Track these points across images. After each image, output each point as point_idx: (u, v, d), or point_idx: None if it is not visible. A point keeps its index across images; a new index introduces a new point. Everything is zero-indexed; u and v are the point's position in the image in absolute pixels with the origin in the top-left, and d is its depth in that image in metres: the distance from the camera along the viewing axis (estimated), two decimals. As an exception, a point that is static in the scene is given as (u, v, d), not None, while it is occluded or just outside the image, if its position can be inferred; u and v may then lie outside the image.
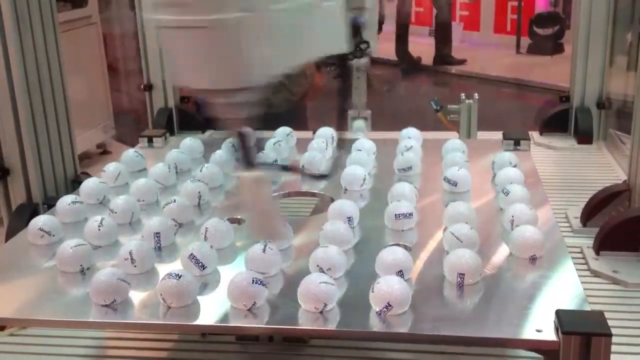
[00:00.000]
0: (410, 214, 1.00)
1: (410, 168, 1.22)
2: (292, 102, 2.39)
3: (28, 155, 1.48)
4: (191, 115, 2.11)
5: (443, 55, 5.88)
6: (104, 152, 3.78)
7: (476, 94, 1.56)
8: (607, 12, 1.84)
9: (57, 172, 1.56)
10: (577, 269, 0.89)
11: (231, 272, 0.87)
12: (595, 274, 1.25)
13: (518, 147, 1.32)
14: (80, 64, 3.30)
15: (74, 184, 1.57)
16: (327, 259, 0.87)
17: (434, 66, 5.88)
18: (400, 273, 0.84)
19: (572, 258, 0.92)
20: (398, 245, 0.93)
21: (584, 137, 1.89)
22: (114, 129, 3.85)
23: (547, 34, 5.80)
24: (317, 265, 0.87)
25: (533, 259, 0.90)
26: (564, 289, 0.84)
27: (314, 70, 2.39)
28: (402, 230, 1.00)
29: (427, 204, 1.10)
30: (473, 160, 1.26)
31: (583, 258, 1.30)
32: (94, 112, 3.52)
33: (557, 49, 5.64)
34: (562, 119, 1.95)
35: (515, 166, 1.17)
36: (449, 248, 0.91)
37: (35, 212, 1.46)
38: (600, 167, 1.75)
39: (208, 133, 2.14)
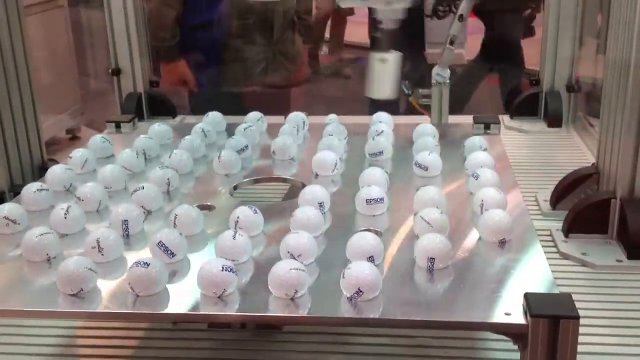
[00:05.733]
0: (382, 199, 1.00)
1: (381, 153, 1.21)
2: (287, 82, 2.38)
3: (-7, 143, 1.45)
4: (161, 100, 2.08)
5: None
6: (73, 138, 3.73)
7: (448, 79, 1.56)
8: (576, 4, 1.85)
9: (24, 158, 1.53)
10: (546, 252, 0.90)
11: (201, 260, 0.86)
12: (564, 256, 1.27)
13: (488, 131, 1.32)
14: (48, 48, 3.24)
15: (40, 171, 1.54)
16: (297, 246, 0.86)
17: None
18: (371, 258, 0.84)
19: (542, 241, 0.93)
20: (369, 230, 0.93)
21: (554, 120, 1.90)
22: (83, 114, 3.79)
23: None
24: (288, 252, 0.86)
25: (502, 243, 0.90)
26: (532, 272, 0.85)
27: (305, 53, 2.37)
28: (374, 216, 1.00)
29: (398, 188, 1.10)
30: (444, 144, 1.26)
31: (552, 241, 1.31)
32: (62, 97, 3.46)
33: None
34: (532, 102, 1.97)
35: (485, 150, 1.17)
36: (419, 233, 0.91)
37: (1, 200, 1.43)
38: (570, 150, 1.77)
39: (179, 118, 2.12)
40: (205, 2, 2.32)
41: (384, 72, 1.03)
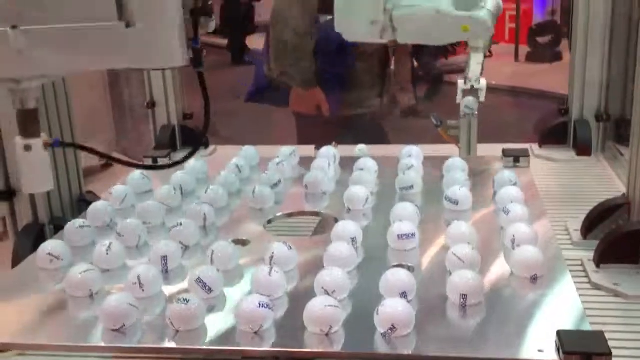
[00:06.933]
0: (413, 234, 1.02)
1: (411, 187, 1.23)
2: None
3: (34, 176, 1.49)
4: (194, 132, 2.12)
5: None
6: (105, 165, 3.79)
7: (476, 111, 1.58)
8: (605, 25, 1.85)
9: (63, 191, 1.57)
10: (578, 282, 0.91)
11: (237, 294, 0.90)
12: (596, 286, 1.27)
13: (518, 164, 1.34)
14: (82, 78, 3.32)
15: (79, 204, 1.58)
16: (332, 282, 0.88)
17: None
18: (404, 294, 0.86)
19: (573, 271, 0.94)
20: (401, 266, 0.95)
21: (583, 149, 1.90)
22: (115, 141, 3.86)
23: (545, 43, 5.85)
24: (322, 288, 0.88)
25: (534, 279, 0.92)
26: (564, 308, 0.86)
27: None
28: (405, 251, 1.02)
29: (429, 223, 1.12)
30: (474, 178, 1.28)
31: (584, 271, 1.31)
32: (95, 126, 3.53)
33: (556, 57, 5.68)
34: (561, 131, 1.97)
35: (515, 184, 1.19)
36: (451, 268, 0.93)
37: (41, 232, 1.47)
38: (600, 179, 1.76)
39: (211, 148, 2.16)
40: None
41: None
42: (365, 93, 2.33)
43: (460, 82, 1.48)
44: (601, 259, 1.31)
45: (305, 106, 2.32)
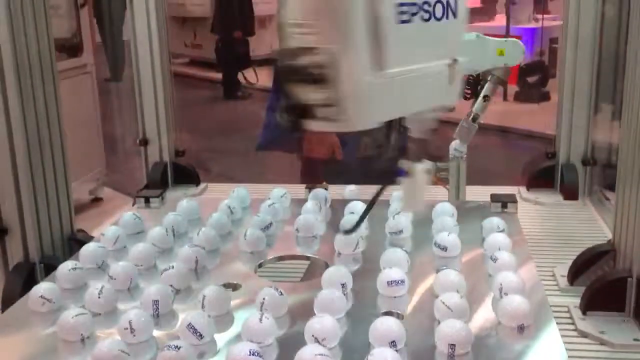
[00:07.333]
0: (402, 281, 1.03)
1: (401, 231, 1.25)
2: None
3: (26, 213, 1.49)
4: (185, 169, 2.14)
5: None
6: (95, 199, 3.80)
7: (464, 154, 1.60)
8: (591, 71, 1.90)
9: (54, 230, 1.57)
10: (564, 329, 0.92)
11: (228, 340, 0.90)
12: (582, 334, 1.28)
13: (505, 210, 1.36)
14: (75, 112, 3.34)
15: (70, 242, 1.58)
16: (322, 329, 0.89)
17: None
18: (393, 344, 0.87)
19: (560, 317, 0.95)
20: (390, 313, 0.96)
21: (570, 193, 1.92)
22: (106, 176, 3.87)
23: (534, 82, 5.94)
24: (313, 336, 0.89)
25: (521, 328, 0.93)
26: (550, 358, 0.87)
27: None
28: (394, 297, 1.03)
29: (418, 268, 1.13)
30: (462, 223, 1.29)
31: (570, 318, 1.32)
32: (86, 160, 3.55)
33: (544, 97, 5.78)
34: (548, 174, 2.00)
35: (502, 231, 1.21)
36: (440, 317, 0.94)
37: (32, 271, 1.47)
38: (586, 224, 1.79)
39: (202, 185, 2.17)
40: None
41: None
42: (368, 135, 2.33)
43: (464, 123, 1.50)
44: (587, 306, 1.33)
45: (320, 151, 2.32)
